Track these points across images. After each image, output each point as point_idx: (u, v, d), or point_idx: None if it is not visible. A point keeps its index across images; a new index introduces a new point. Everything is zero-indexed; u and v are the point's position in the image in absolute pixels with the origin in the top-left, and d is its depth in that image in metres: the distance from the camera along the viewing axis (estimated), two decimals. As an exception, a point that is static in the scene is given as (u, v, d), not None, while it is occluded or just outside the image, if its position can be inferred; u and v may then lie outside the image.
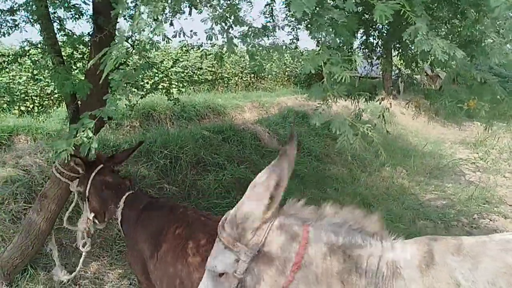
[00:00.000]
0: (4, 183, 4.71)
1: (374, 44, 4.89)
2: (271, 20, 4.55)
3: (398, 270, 1.52)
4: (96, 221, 3.32)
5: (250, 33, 2.20)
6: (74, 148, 2.13)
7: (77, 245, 3.53)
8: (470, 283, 1.45)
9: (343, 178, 7.99)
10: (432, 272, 1.49)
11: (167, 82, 10.30)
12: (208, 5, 2.10)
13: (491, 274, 1.45)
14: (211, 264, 1.62)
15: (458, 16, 2.65)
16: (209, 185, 6.03)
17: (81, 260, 3.71)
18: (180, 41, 4.15)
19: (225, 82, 14.35)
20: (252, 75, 15.09)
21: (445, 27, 2.95)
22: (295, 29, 4.44)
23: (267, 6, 4.59)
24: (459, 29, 2.79)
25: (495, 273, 1.45)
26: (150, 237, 2.92)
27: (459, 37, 2.87)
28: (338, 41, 2.45)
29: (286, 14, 4.47)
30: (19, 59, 3.61)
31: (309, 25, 2.39)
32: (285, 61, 15.29)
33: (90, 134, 2.12)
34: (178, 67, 11.72)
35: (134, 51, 3.17)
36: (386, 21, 1.86)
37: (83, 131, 2.13)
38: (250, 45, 2.07)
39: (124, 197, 3.15)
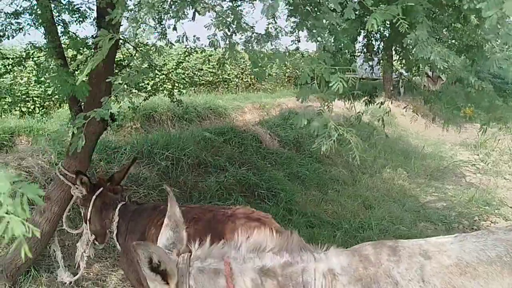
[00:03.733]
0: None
1: (375, 47, 4.91)
2: (274, 21, 4.56)
3: (336, 277, 1.57)
4: (97, 242, 3.37)
5: (253, 39, 2.23)
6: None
7: (76, 263, 3.59)
8: (406, 281, 1.54)
9: (344, 180, 8.01)
10: (370, 273, 1.56)
11: (170, 84, 10.32)
12: (212, 10, 2.12)
13: (426, 273, 1.55)
14: None
15: (461, 21, 2.68)
16: (210, 186, 6.04)
17: (82, 264, 3.72)
18: (177, 40, 4.16)
19: (226, 83, 14.37)
20: (253, 76, 15.09)
21: (447, 30, 2.97)
22: (297, 31, 4.45)
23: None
24: (460, 34, 2.81)
25: (431, 272, 1.55)
26: (139, 238, 2.97)
27: (460, 42, 2.89)
28: (339, 46, 2.46)
29: (288, 15, 4.48)
30: (23, 61, 3.63)
31: (309, 30, 2.41)
32: (286, 62, 15.28)
33: (76, 131, 2.16)
34: (179, 68, 11.72)
35: (137, 54, 3.20)
36: (381, 28, 1.88)
37: (73, 127, 2.17)
38: (253, 52, 2.09)
39: (117, 209, 3.20)
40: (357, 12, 2.09)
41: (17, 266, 3.89)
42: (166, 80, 7.95)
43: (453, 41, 2.95)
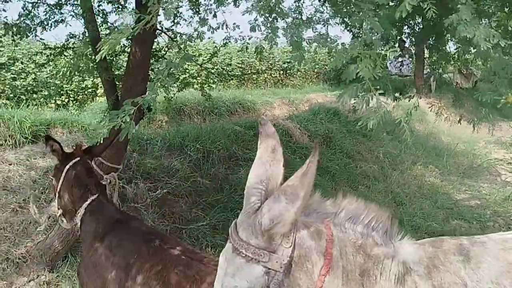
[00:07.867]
0: (45, 173, 4.88)
1: (407, 42, 4.84)
2: (300, 17, 4.55)
3: (408, 272, 1.49)
4: (64, 219, 2.88)
5: (293, 25, 2.22)
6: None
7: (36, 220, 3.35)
8: (475, 283, 1.43)
9: (374, 176, 7.91)
10: (440, 273, 1.47)
11: (202, 77, 10.42)
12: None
13: (494, 273, 1.43)
14: (229, 284, 1.36)
15: (506, 8, 2.60)
16: (241, 179, 6.06)
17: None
18: (217, 27, 4.17)
19: (254, 78, 14.39)
20: (282, 71, 15.08)
21: (491, 20, 2.90)
22: (326, 25, 4.42)
23: (295, 3, 4.58)
24: (505, 22, 2.73)
25: (499, 272, 1.44)
26: (118, 268, 2.51)
27: (504, 30, 2.81)
28: (379, 33, 2.43)
29: (316, 9, 4.46)
30: (64, 51, 3.73)
31: (348, 15, 2.38)
32: (315, 58, 15.25)
33: (128, 119, 2.20)
34: (209, 63, 11.81)
35: (174, 44, 3.23)
36: (412, 22, 1.84)
37: (123, 116, 2.20)
38: (295, 36, 2.08)
39: (87, 203, 2.75)
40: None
41: (55, 251, 4.01)
42: (198, 74, 8.03)
43: (496, 29, 2.87)
